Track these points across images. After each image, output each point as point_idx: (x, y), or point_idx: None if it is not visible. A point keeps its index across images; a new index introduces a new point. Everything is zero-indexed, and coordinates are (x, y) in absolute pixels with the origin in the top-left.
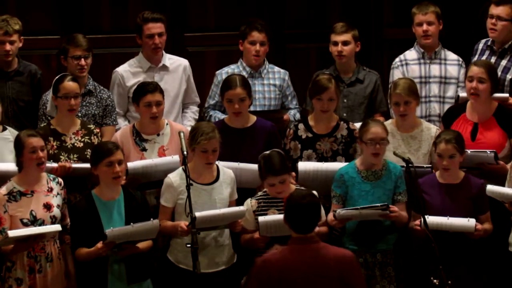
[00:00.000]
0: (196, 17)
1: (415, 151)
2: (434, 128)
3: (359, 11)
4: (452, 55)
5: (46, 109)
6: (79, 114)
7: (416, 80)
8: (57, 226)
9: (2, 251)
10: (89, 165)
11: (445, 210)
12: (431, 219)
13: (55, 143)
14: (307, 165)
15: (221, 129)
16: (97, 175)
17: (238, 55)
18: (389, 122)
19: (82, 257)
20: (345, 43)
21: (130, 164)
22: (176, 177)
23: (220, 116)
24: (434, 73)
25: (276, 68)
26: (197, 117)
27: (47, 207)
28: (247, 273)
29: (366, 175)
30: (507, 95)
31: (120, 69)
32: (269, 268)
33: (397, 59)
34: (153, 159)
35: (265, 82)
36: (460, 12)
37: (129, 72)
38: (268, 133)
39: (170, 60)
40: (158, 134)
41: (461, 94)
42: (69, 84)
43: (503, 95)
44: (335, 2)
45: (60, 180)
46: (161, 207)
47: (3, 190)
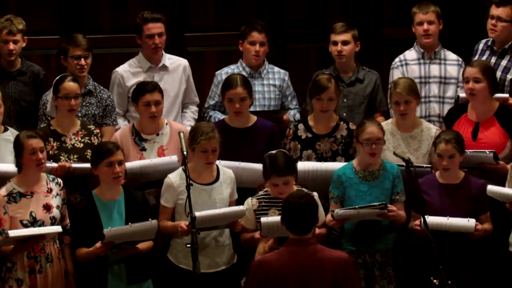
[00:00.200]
0: (196, 17)
1: (415, 151)
2: (434, 128)
3: (359, 11)
4: (451, 55)
5: (46, 109)
6: (79, 114)
7: (416, 80)
8: (58, 228)
9: (2, 252)
10: (89, 165)
11: (445, 210)
12: (431, 219)
13: (55, 144)
14: (307, 165)
15: (221, 129)
16: (97, 175)
17: (238, 55)
18: (389, 122)
19: (82, 257)
20: (344, 43)
21: (128, 164)
22: (176, 177)
23: (220, 116)
24: (434, 73)
25: (276, 69)
26: (196, 117)
27: (47, 208)
28: (247, 273)
29: (363, 175)
30: (507, 95)
31: (120, 69)
32: (266, 270)
33: (396, 59)
34: (151, 159)
35: (264, 82)
36: (460, 12)
37: (129, 72)
38: (268, 133)
39: (170, 60)
40: (158, 134)
41: (460, 95)
42: (70, 85)
43: (503, 95)
44: (335, 2)
45: (60, 180)
46: (161, 207)
47: (3, 191)
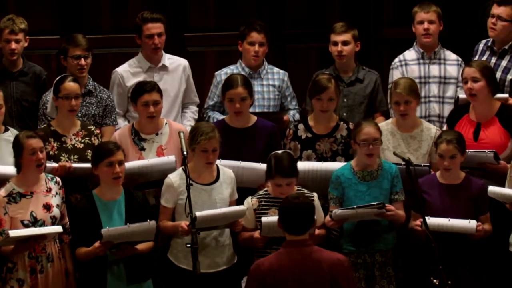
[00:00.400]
0: (196, 17)
1: (415, 151)
2: (434, 129)
3: (359, 11)
4: (451, 55)
5: (46, 110)
6: (79, 114)
7: (416, 80)
8: (58, 228)
9: (2, 252)
10: (89, 165)
11: (445, 210)
12: (432, 221)
13: (55, 144)
14: (306, 165)
15: (221, 129)
16: (97, 175)
17: (238, 55)
18: (389, 122)
19: (81, 257)
20: (345, 43)
21: (127, 164)
22: (176, 177)
23: (219, 117)
24: (434, 73)
25: (276, 69)
26: (196, 117)
27: (47, 207)
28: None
29: (362, 175)
30: (507, 95)
31: (120, 69)
32: (264, 271)
33: (396, 60)
34: (149, 159)
35: (264, 82)
36: (460, 12)
37: (128, 72)
38: (268, 133)
39: (169, 60)
40: (157, 134)
41: (460, 96)
42: (70, 85)
43: (503, 95)
44: (335, 2)
45: (58, 179)
46: (162, 208)
47: (3, 192)
